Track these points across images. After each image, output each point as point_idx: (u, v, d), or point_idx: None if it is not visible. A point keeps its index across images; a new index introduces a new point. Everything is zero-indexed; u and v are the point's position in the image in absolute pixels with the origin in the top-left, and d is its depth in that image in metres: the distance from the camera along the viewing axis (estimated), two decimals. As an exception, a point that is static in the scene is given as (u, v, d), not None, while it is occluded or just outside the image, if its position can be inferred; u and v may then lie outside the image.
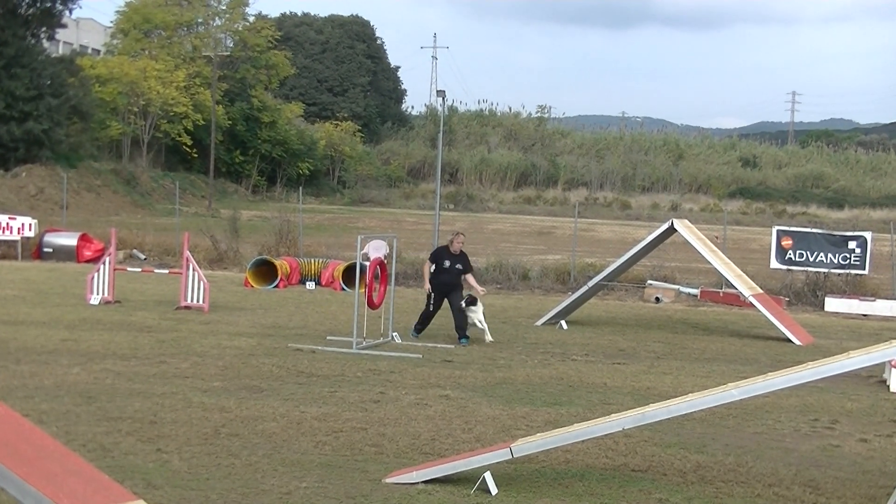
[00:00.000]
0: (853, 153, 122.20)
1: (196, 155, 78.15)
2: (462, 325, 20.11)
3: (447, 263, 20.41)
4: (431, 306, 20.44)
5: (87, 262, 32.92)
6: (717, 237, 30.90)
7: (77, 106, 62.21)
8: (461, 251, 20.72)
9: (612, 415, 10.74)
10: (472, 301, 20.16)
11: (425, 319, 20.65)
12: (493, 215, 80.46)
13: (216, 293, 24.64)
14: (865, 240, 30.31)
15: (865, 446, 12.50)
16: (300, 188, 47.58)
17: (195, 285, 23.05)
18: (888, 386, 16.90)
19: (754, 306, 23.48)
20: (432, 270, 20.52)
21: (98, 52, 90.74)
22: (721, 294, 29.56)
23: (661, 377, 17.05)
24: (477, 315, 20.14)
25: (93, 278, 23.63)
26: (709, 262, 24.16)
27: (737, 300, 27.28)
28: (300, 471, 10.23)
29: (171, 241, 36.03)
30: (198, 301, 22.96)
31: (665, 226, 23.82)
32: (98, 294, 23.48)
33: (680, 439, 12.28)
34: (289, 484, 9.74)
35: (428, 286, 20.38)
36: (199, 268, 23.79)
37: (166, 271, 26.34)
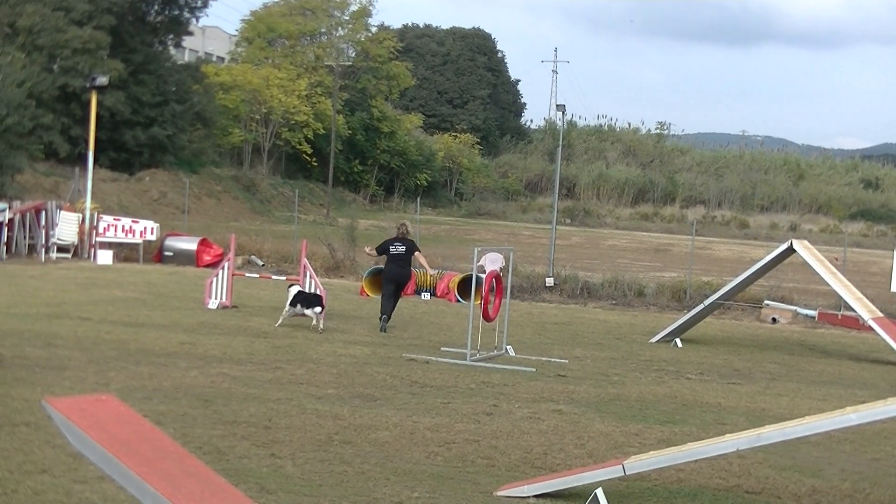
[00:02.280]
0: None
1: (315, 163, 78.92)
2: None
3: (396, 247, 22.39)
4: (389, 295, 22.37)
5: (207, 266, 33.37)
6: (836, 259, 30.44)
7: (201, 112, 63.21)
8: (405, 236, 22.71)
9: (727, 435, 10.64)
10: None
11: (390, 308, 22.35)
12: (610, 231, 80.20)
13: (332, 301, 24.83)
14: None
15: None
16: (418, 199, 47.94)
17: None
18: None
19: (874, 330, 23.08)
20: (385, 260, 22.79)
21: (222, 59, 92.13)
22: (839, 316, 29.11)
23: (776, 398, 16.85)
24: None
25: (211, 283, 23.98)
26: (828, 284, 23.81)
27: (856, 323, 26.86)
28: (412, 481, 10.27)
29: (289, 248, 36.41)
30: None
31: (784, 246, 23.52)
32: (216, 299, 23.81)
33: (795, 462, 12.13)
34: (400, 493, 9.79)
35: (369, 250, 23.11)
36: (316, 275, 24.02)
37: (283, 278, 26.61)
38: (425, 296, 29.71)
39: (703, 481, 11.02)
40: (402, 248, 22.26)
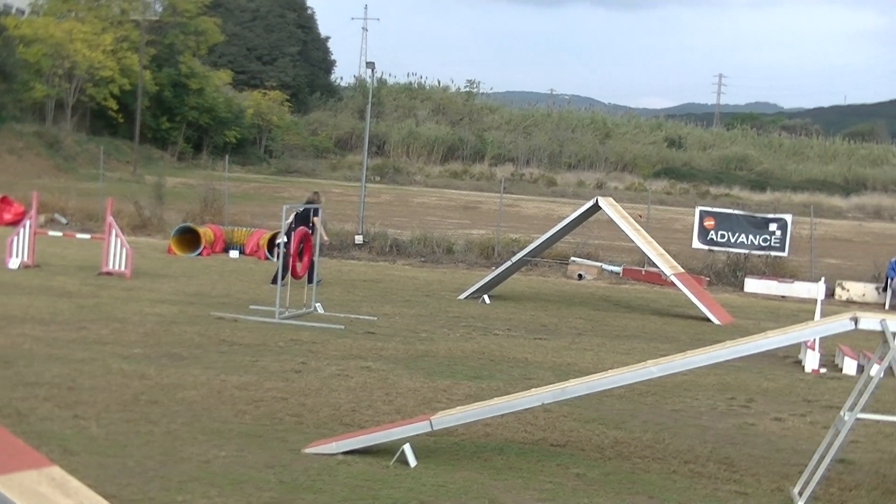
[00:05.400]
0: (777, 137, 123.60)
1: (122, 120, 77.31)
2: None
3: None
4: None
5: (7, 225, 32.49)
6: (640, 216, 31.13)
7: (0, 66, 61.24)
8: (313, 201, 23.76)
9: (533, 389, 10.81)
10: None
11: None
12: (420, 188, 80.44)
13: (139, 260, 24.47)
14: (786, 222, 30.69)
15: (780, 425, 12.69)
16: (226, 156, 47.28)
17: (117, 251, 22.86)
18: (803, 366, 17.16)
19: (675, 285, 23.73)
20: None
21: (23, 12, 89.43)
22: (643, 272, 29.80)
23: (581, 353, 17.18)
24: None
25: (12, 242, 23.36)
26: (632, 241, 24.37)
27: (658, 279, 27.53)
28: (220, 439, 10.21)
29: (95, 206, 35.66)
30: (120, 267, 22.78)
31: (590, 203, 23.98)
32: (17, 258, 23.21)
33: (599, 415, 12.39)
34: (208, 452, 9.72)
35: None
36: (122, 234, 23.61)
37: (88, 236, 26.08)
38: (234, 253, 29.45)
39: (510, 435, 11.19)
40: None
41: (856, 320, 9.21)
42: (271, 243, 28.61)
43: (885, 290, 28.73)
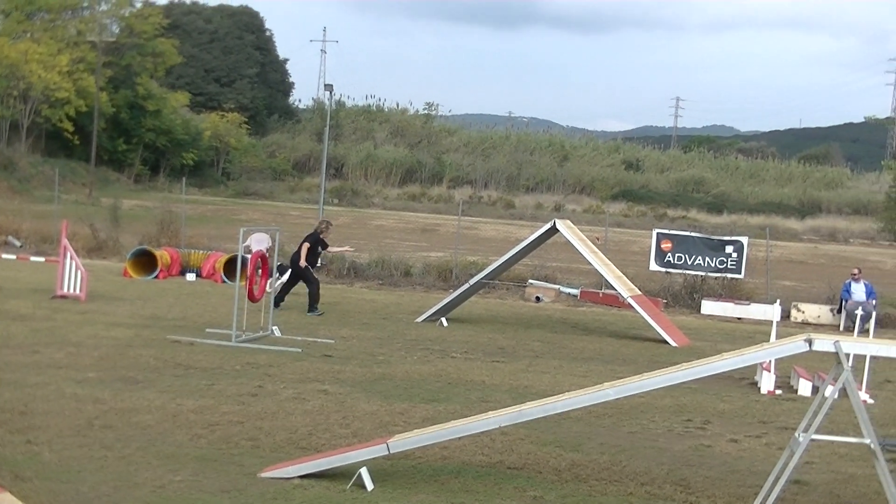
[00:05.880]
0: (733, 159, 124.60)
1: (78, 142, 76.93)
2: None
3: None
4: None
5: (-38, 247, 32.27)
6: (598, 238, 31.23)
7: (-47, 87, 60.96)
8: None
9: (490, 412, 10.79)
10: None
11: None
12: (378, 211, 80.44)
13: (94, 283, 24.31)
14: (742, 244, 30.86)
15: (736, 446, 12.72)
16: (184, 178, 47.11)
17: (72, 274, 22.71)
18: (759, 388, 17.23)
19: (633, 307, 23.78)
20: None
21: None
22: (601, 295, 29.87)
23: (539, 376, 17.17)
24: None
25: (-33, 264, 23.18)
26: (589, 263, 24.42)
27: (616, 301, 27.60)
28: (175, 464, 10.13)
29: (50, 229, 35.44)
30: (75, 290, 22.62)
31: (547, 226, 24.03)
32: (-28, 281, 23.03)
33: (556, 437, 12.38)
34: (163, 477, 9.65)
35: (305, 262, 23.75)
36: (77, 256, 23.46)
37: (43, 259, 25.94)
38: (191, 276, 29.32)
39: (467, 458, 11.17)
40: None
41: (810, 342, 9.25)
42: (228, 267, 28.50)
43: (839, 311, 28.91)
